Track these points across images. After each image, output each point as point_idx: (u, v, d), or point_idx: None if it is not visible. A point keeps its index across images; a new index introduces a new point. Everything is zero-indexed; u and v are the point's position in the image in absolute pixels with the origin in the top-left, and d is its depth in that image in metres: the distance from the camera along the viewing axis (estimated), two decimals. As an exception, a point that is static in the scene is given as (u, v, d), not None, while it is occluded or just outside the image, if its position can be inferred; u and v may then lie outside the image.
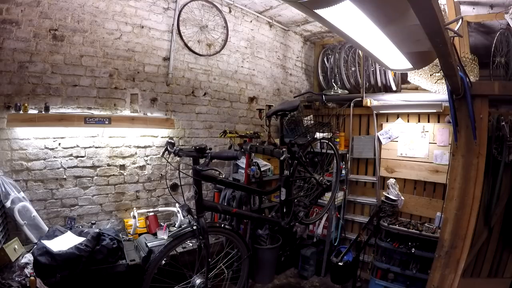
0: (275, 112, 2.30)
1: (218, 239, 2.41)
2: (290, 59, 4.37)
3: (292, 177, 2.30)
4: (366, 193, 3.77)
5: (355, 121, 3.86)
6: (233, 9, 3.53)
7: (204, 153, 1.69)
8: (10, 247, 1.87)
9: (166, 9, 2.95)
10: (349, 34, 1.23)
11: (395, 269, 2.99)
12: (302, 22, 3.98)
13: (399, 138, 3.50)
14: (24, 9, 2.18)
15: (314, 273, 3.52)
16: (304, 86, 4.68)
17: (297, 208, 2.38)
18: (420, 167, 3.34)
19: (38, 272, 1.80)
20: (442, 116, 3.21)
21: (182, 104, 3.14)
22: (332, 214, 3.48)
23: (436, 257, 2.31)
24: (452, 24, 1.23)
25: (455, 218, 2.28)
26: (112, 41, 2.61)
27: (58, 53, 2.35)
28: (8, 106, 2.15)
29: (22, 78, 2.21)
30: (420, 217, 3.31)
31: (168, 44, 2.98)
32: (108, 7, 2.57)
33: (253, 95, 3.84)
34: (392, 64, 1.72)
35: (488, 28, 3.18)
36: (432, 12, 0.90)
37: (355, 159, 3.84)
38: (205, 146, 1.71)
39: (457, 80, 1.86)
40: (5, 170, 2.15)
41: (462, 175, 2.31)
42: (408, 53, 1.44)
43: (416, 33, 1.13)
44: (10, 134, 2.18)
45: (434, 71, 2.27)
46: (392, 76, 3.63)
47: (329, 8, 0.93)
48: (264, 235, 3.06)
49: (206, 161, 1.67)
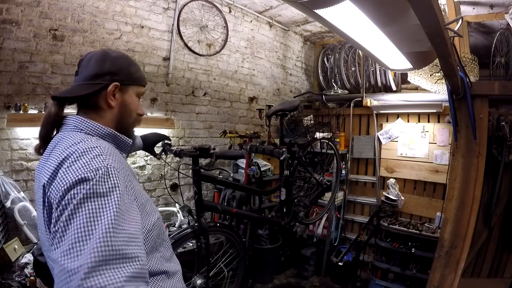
0: (275, 112, 2.30)
1: (218, 239, 2.41)
2: (290, 59, 4.37)
3: (292, 177, 2.30)
4: (366, 193, 3.77)
5: (355, 121, 3.85)
6: (233, 9, 3.53)
7: (208, 153, 1.69)
8: (10, 247, 1.87)
9: (166, 9, 2.95)
10: (349, 34, 1.23)
11: (395, 269, 2.99)
12: (302, 22, 3.98)
13: (399, 138, 3.50)
14: (24, 9, 2.17)
15: (314, 273, 3.52)
16: (304, 86, 4.68)
17: (297, 208, 2.38)
18: (420, 167, 3.34)
19: (38, 272, 1.80)
20: (442, 116, 3.21)
21: (182, 104, 3.14)
22: (332, 214, 3.48)
23: (436, 257, 2.31)
24: (452, 24, 1.23)
25: (455, 218, 2.28)
26: (112, 41, 2.61)
27: (58, 53, 2.34)
28: (8, 106, 2.15)
29: (22, 78, 2.21)
30: (420, 217, 3.31)
31: (168, 44, 2.98)
32: (108, 7, 2.57)
33: (253, 95, 3.84)
34: (392, 64, 1.72)
35: (488, 28, 3.18)
36: (432, 12, 0.90)
37: (355, 159, 3.84)
38: (209, 146, 1.71)
39: (457, 80, 1.86)
40: (5, 170, 2.15)
41: (462, 175, 2.31)
42: (408, 53, 1.44)
43: (416, 33, 1.13)
44: (10, 134, 2.18)
45: (434, 71, 2.27)
46: (392, 76, 3.63)
47: (329, 8, 0.93)
48: (264, 235, 3.06)
49: (212, 160, 1.67)
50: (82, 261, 0.50)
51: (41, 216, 0.67)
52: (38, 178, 0.73)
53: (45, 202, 0.64)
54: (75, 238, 0.53)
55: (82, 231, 0.54)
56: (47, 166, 0.69)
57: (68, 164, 0.64)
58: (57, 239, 0.55)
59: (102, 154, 0.67)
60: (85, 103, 0.83)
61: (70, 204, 0.57)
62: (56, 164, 0.66)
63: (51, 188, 0.63)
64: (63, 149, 0.69)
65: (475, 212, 2.25)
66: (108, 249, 0.53)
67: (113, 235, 0.55)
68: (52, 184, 0.63)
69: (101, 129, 0.80)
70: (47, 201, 0.63)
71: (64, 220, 0.56)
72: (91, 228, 0.54)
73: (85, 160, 0.64)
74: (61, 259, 0.52)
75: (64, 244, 0.54)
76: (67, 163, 0.64)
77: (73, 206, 0.56)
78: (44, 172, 0.69)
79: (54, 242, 0.56)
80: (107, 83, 0.81)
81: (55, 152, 0.71)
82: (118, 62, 0.85)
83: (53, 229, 0.58)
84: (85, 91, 0.80)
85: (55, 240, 0.56)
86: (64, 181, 0.60)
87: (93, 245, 0.52)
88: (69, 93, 0.82)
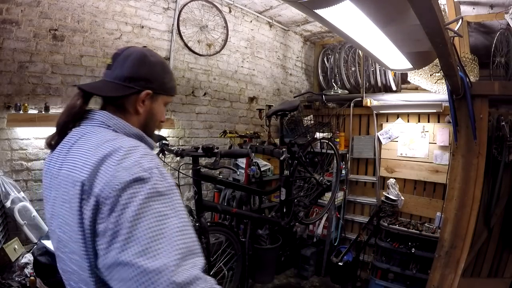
0: (275, 112, 2.30)
1: (218, 239, 2.41)
2: (290, 59, 4.37)
3: (292, 177, 2.30)
4: (366, 193, 3.77)
5: (355, 121, 3.85)
6: (233, 9, 3.53)
7: (212, 152, 1.69)
8: (10, 247, 1.87)
9: (166, 9, 2.95)
10: (349, 34, 1.23)
11: (395, 269, 2.99)
12: (302, 22, 3.97)
13: (399, 138, 3.50)
14: (24, 9, 2.17)
15: (314, 273, 3.52)
16: (304, 86, 4.68)
17: (297, 208, 2.38)
18: (420, 167, 3.34)
19: (38, 272, 1.81)
20: (442, 116, 3.21)
21: (182, 104, 3.14)
22: (332, 214, 3.48)
23: (436, 257, 2.31)
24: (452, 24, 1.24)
25: (455, 218, 2.28)
26: (112, 41, 2.61)
27: (58, 53, 2.34)
28: (8, 106, 2.15)
29: (22, 78, 2.21)
30: (420, 217, 3.31)
31: (168, 44, 2.98)
32: (108, 7, 2.57)
33: (253, 95, 3.84)
34: (392, 64, 1.72)
35: (488, 28, 3.18)
36: (432, 12, 0.90)
37: (355, 159, 3.84)
38: (213, 146, 1.71)
39: (457, 80, 1.86)
40: (5, 170, 2.15)
41: (462, 175, 2.31)
42: (408, 53, 1.44)
43: (416, 33, 1.13)
44: (10, 134, 2.18)
45: (434, 71, 2.27)
46: (392, 76, 3.63)
47: (329, 8, 0.93)
48: (264, 235, 3.06)
49: (217, 159, 1.67)
50: (165, 259, 0.52)
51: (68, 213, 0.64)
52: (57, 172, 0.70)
53: (84, 199, 0.61)
54: (149, 238, 0.54)
55: (154, 230, 0.55)
56: (78, 160, 0.66)
57: (116, 161, 0.61)
58: (120, 241, 0.54)
59: (148, 154, 0.66)
60: (112, 102, 0.80)
61: (132, 204, 0.56)
62: (96, 159, 0.63)
63: (95, 184, 0.60)
64: (97, 144, 0.66)
65: (475, 212, 2.25)
66: (183, 246, 0.55)
67: (184, 232, 0.57)
68: (95, 180, 0.60)
69: (130, 129, 0.77)
70: (88, 197, 0.60)
71: (129, 220, 0.55)
72: (162, 227, 0.55)
73: (135, 159, 0.62)
74: (138, 260, 0.52)
75: (135, 245, 0.53)
76: (113, 159, 0.62)
77: (138, 206, 0.56)
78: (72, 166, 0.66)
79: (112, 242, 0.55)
80: (139, 88, 0.79)
81: (85, 146, 0.67)
82: (154, 69, 0.82)
83: (108, 226, 0.56)
84: (116, 93, 0.77)
85: (114, 240, 0.55)
86: (117, 179, 0.58)
87: (172, 244, 0.54)
88: (99, 91, 0.79)
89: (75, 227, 0.62)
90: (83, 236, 0.60)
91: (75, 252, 0.63)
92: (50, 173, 0.74)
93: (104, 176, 0.60)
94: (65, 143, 0.73)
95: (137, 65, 0.80)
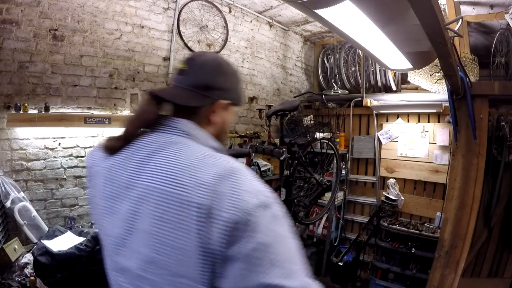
0: (275, 112, 2.30)
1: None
2: (290, 59, 4.37)
3: (292, 177, 2.30)
4: (366, 193, 3.77)
5: (355, 121, 3.86)
6: (233, 9, 3.53)
7: None
8: (10, 247, 1.87)
9: (166, 9, 2.95)
10: (349, 34, 1.23)
11: (395, 269, 2.99)
12: (302, 22, 3.97)
13: (399, 138, 3.50)
14: (24, 9, 2.17)
15: (314, 273, 3.52)
16: (304, 86, 4.68)
17: (297, 208, 2.38)
18: (420, 167, 3.34)
19: (38, 272, 1.81)
20: (442, 116, 3.22)
21: (182, 104, 3.13)
22: (332, 214, 3.48)
23: (436, 257, 2.31)
24: (452, 24, 1.24)
25: (455, 218, 2.28)
26: (112, 41, 2.61)
27: (58, 53, 2.34)
28: (8, 106, 2.15)
29: (22, 78, 2.21)
30: (420, 217, 3.31)
31: (168, 44, 2.98)
32: (108, 7, 2.57)
33: (253, 95, 3.84)
34: (392, 64, 1.72)
35: (488, 28, 3.18)
36: (432, 12, 0.90)
37: (355, 159, 3.84)
38: None
39: (457, 80, 1.86)
40: (5, 170, 2.15)
41: (462, 175, 2.31)
42: (408, 53, 1.44)
43: (416, 33, 1.13)
44: (10, 134, 2.18)
45: (434, 71, 2.27)
46: (392, 76, 3.63)
47: (329, 8, 0.93)
48: (264, 235, 3.06)
49: None
50: (300, 280, 0.58)
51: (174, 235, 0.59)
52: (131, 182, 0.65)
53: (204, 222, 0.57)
54: (286, 260, 0.58)
55: (287, 252, 0.59)
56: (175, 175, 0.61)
57: (236, 183, 0.60)
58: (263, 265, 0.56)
59: (254, 175, 0.65)
60: (185, 109, 0.75)
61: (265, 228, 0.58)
62: (211, 180, 0.59)
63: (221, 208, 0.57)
64: (197, 160, 0.63)
65: (475, 212, 2.26)
66: (303, 266, 0.61)
67: (299, 252, 0.62)
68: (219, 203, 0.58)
69: (212, 143, 0.73)
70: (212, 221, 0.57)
71: (266, 245, 0.57)
72: (289, 249, 0.60)
73: (251, 182, 0.62)
74: (284, 282, 0.56)
75: (278, 268, 0.57)
76: (232, 181, 0.60)
77: (271, 230, 0.59)
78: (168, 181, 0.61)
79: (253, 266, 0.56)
80: (216, 98, 0.76)
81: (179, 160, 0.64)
82: (231, 79, 0.81)
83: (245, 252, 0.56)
84: (194, 103, 0.74)
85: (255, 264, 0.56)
86: (246, 203, 0.58)
87: (300, 263, 0.61)
88: (175, 98, 0.74)
89: (190, 251, 0.58)
90: (203, 260, 0.57)
91: (185, 276, 0.59)
92: (113, 180, 0.68)
93: (230, 200, 0.58)
94: (137, 150, 0.69)
95: (215, 74, 0.77)
